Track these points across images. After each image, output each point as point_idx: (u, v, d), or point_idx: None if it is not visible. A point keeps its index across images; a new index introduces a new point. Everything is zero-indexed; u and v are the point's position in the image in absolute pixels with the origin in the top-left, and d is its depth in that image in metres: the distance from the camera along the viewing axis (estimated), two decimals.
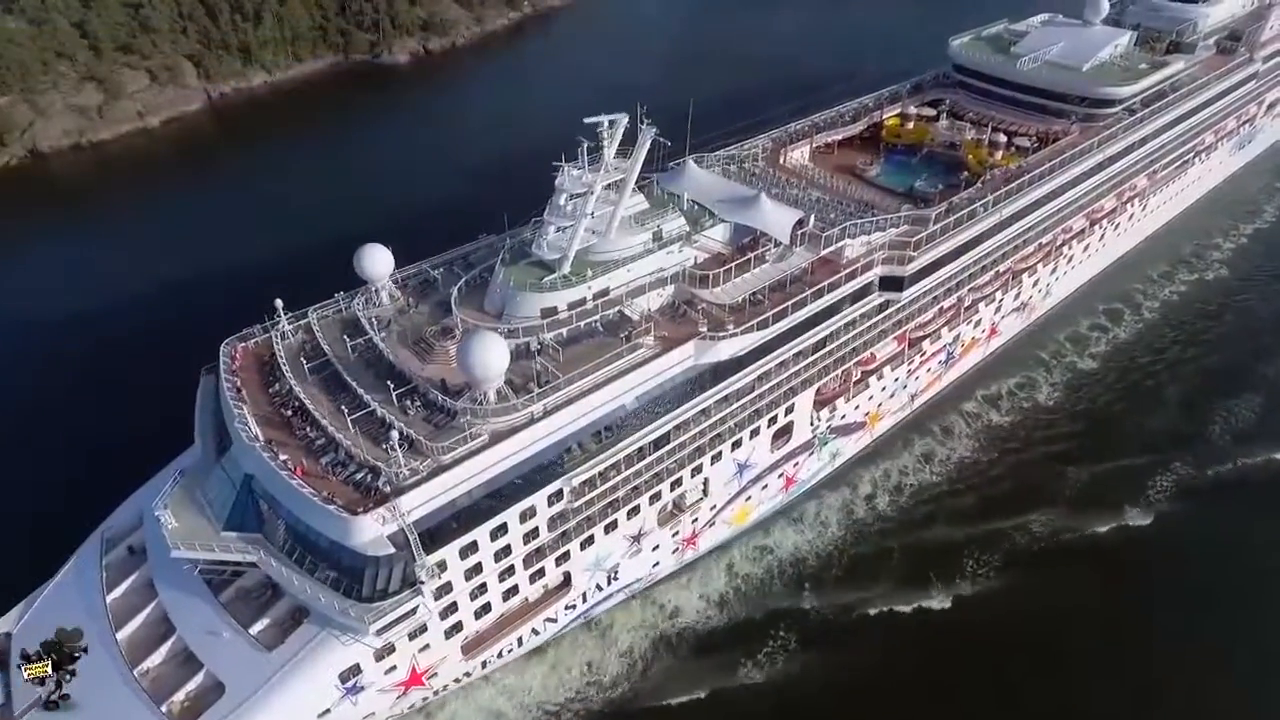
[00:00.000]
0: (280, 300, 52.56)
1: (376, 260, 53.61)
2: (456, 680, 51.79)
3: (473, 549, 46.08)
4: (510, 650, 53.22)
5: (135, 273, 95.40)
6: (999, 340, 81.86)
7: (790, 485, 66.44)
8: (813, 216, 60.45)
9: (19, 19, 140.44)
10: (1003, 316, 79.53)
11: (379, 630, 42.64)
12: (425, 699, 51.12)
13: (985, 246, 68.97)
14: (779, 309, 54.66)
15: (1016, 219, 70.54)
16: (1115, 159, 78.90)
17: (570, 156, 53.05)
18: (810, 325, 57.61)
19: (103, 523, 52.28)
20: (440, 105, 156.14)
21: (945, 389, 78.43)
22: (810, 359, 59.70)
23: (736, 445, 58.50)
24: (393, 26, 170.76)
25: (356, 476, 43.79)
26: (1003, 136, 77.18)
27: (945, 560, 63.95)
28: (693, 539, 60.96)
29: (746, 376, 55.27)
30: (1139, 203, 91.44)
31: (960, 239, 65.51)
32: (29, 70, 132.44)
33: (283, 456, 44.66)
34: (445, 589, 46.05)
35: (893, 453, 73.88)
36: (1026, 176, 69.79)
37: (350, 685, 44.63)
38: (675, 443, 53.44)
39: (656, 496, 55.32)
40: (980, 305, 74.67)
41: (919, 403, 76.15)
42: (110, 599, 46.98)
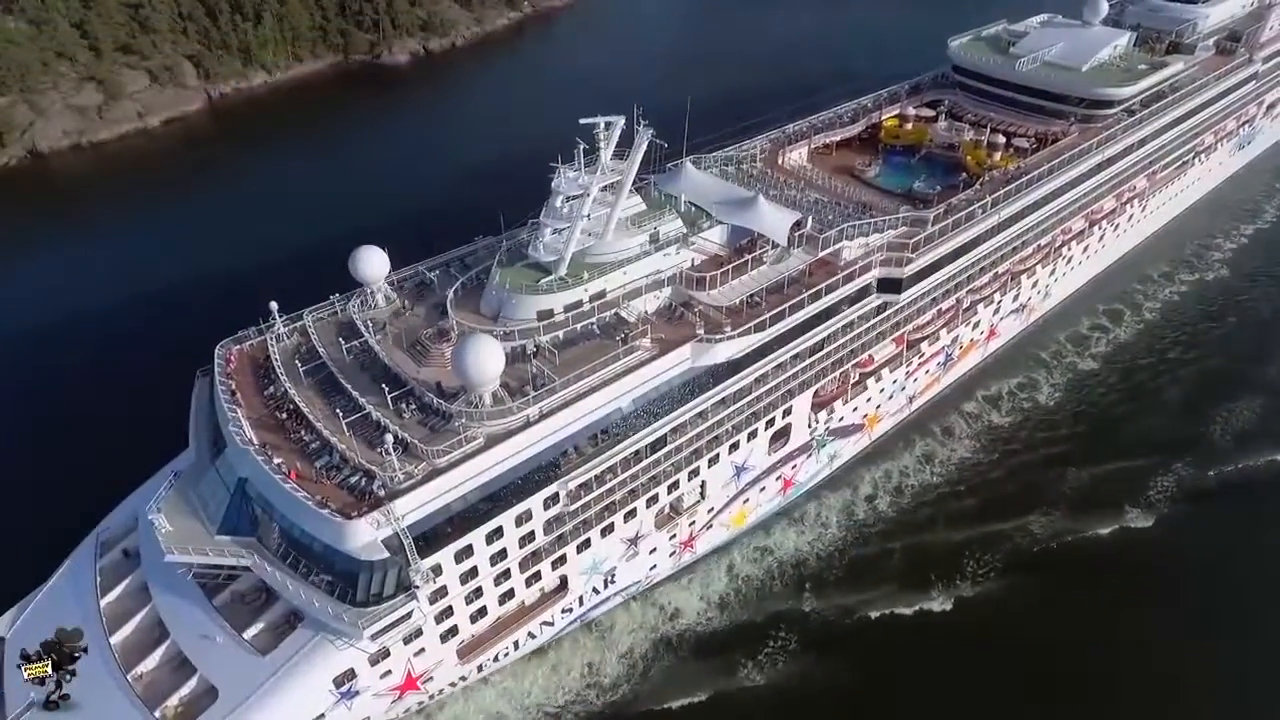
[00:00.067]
0: (275, 303, 52.47)
1: (372, 262, 53.40)
2: (452, 684, 51.63)
3: (468, 553, 45.88)
4: (507, 654, 53.04)
5: (133, 273, 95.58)
6: (998, 342, 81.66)
7: (788, 487, 66.24)
8: (810, 218, 60.24)
9: (19, 19, 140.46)
10: (1001, 318, 79.28)
11: (373, 635, 42.44)
12: (421, 703, 50.95)
13: (984, 248, 68.74)
14: (776, 311, 54.47)
15: (1015, 220, 70.32)
16: (1114, 160, 78.65)
17: (569, 157, 52.81)
18: (808, 327, 57.43)
19: (98, 525, 52.24)
20: (439, 106, 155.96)
21: (944, 391, 78.27)
22: (808, 361, 59.48)
23: (734, 448, 58.29)
24: (393, 26, 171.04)
25: (351, 480, 43.62)
26: (1001, 137, 76.99)
27: (946, 562, 63.83)
28: (690, 542, 60.77)
29: (744, 379, 55.02)
30: (1138, 204, 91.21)
31: (959, 240, 65.29)
32: (29, 70, 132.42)
33: (277, 460, 44.52)
34: (440, 593, 45.88)
35: (893, 453, 73.74)
36: (1025, 178, 69.54)
37: (345, 690, 44.43)
38: (672, 445, 53.24)
39: (654, 499, 55.12)
40: (979, 307, 74.42)
41: (917, 404, 75.98)
42: (104, 603, 46.86)
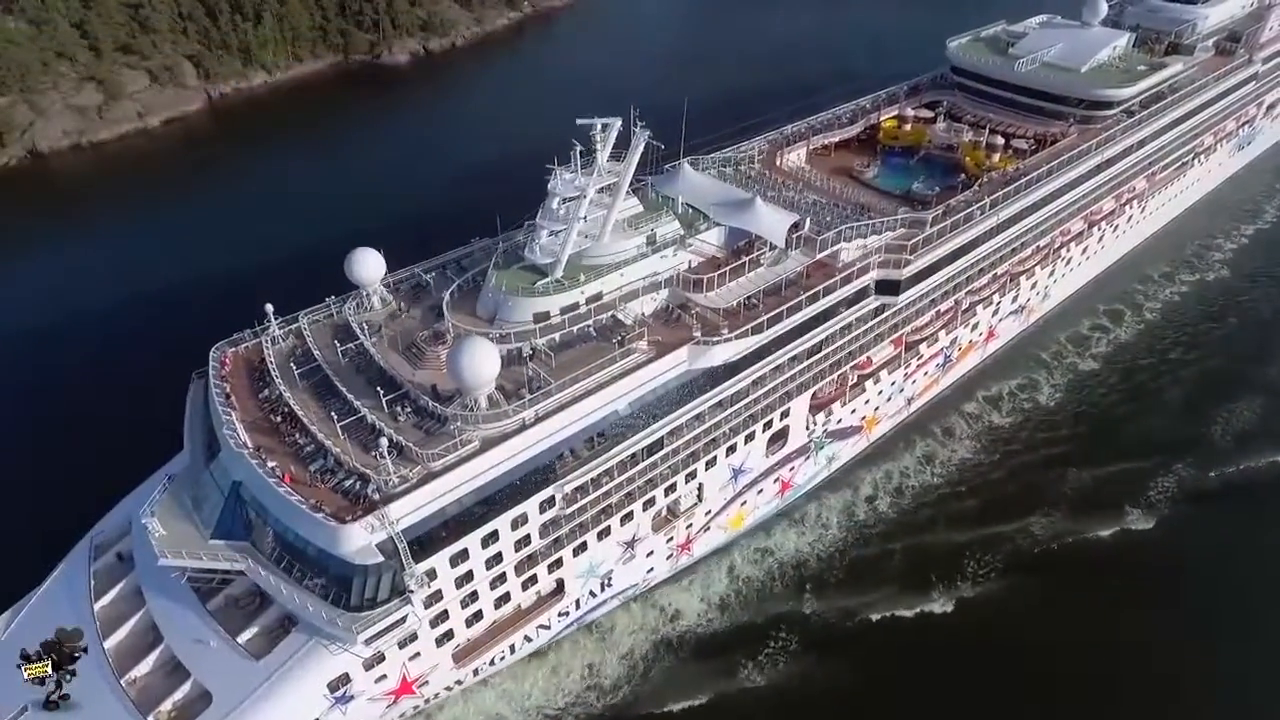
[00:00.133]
0: (270, 305, 52.18)
1: (368, 264, 53.20)
2: (448, 688, 51.46)
3: (463, 557, 45.69)
4: (503, 657, 52.86)
5: (133, 274, 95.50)
6: (997, 343, 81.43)
7: (786, 490, 66.03)
8: (808, 219, 60.01)
9: (19, 19, 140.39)
10: (1000, 320, 79.05)
11: (367, 640, 42.28)
12: (416, 707, 50.76)
13: (982, 249, 68.48)
14: (774, 313, 54.25)
15: (1014, 222, 70.03)
16: (1114, 161, 78.34)
17: (568, 158, 52.58)
18: (806, 329, 57.22)
19: (92, 528, 52.02)
20: (439, 106, 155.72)
21: (943, 392, 78.05)
22: (806, 363, 59.23)
23: (731, 450, 58.05)
24: (393, 26, 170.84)
25: (345, 484, 43.43)
26: (1000, 138, 76.67)
27: (947, 563, 63.68)
28: (687, 545, 60.57)
29: (741, 381, 54.76)
30: (1138, 205, 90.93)
31: (957, 242, 65.05)
32: (29, 70, 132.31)
33: (271, 463, 44.30)
34: (435, 597, 45.69)
35: (894, 454, 73.56)
36: (1024, 179, 69.26)
37: (339, 694, 44.23)
38: (669, 448, 53.00)
39: (650, 502, 54.91)
40: (978, 308, 74.21)
41: (916, 406, 75.78)
42: (98, 606, 46.67)
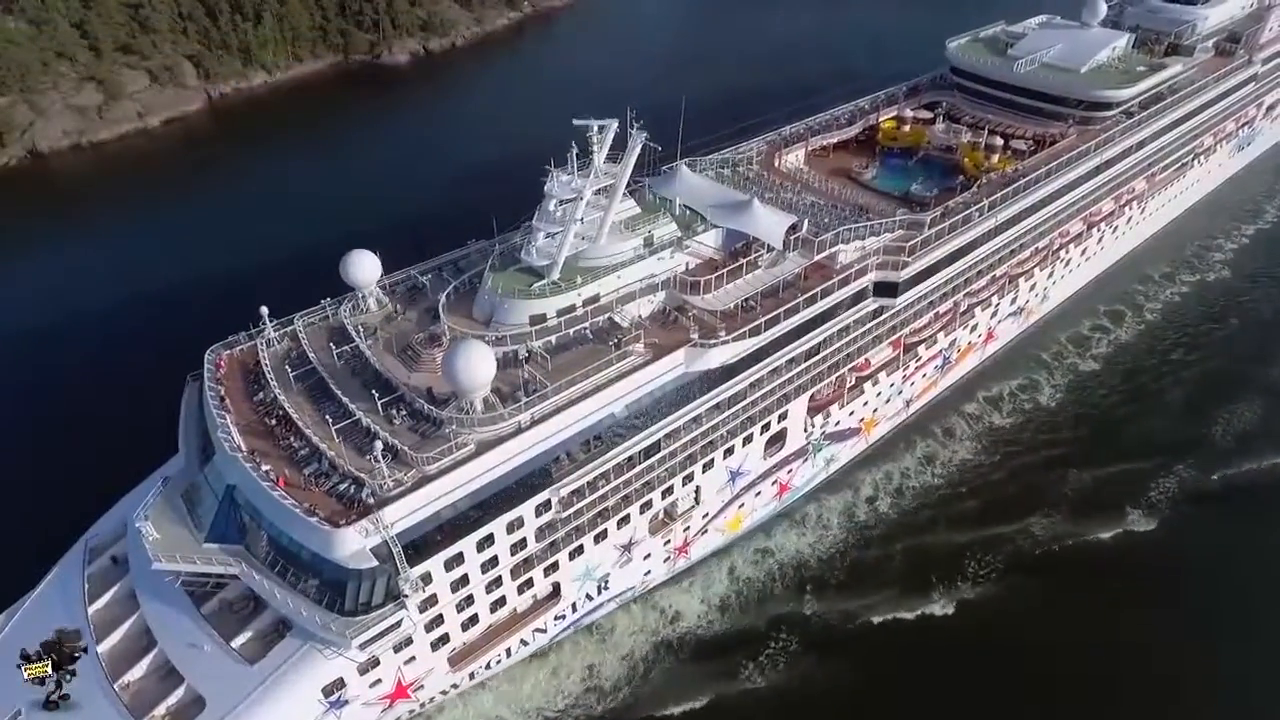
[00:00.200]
0: (266, 307, 51.87)
1: (363, 266, 53.01)
2: (443, 692, 51.24)
3: (458, 561, 45.49)
4: (499, 661, 52.66)
5: (133, 274, 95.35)
6: (996, 345, 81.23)
7: (784, 492, 65.83)
8: (806, 221, 59.85)
9: (19, 19, 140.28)
10: (999, 321, 78.85)
11: (361, 644, 42.12)
12: (412, 711, 50.53)
13: (981, 251, 68.22)
14: (771, 315, 54.05)
15: (1013, 223, 69.78)
16: (1113, 162, 78.10)
17: (567, 158, 52.32)
18: (803, 332, 57.00)
19: (87, 531, 51.78)
20: (439, 106, 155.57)
21: (941, 394, 77.85)
22: (803, 366, 59.02)
23: (729, 453, 57.88)
24: (393, 26, 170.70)
25: (340, 488, 43.19)
26: (999, 139, 76.46)
27: (947, 564, 63.55)
28: (684, 547, 60.37)
29: (739, 384, 54.56)
30: (1137, 206, 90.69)
31: (956, 244, 64.80)
32: (29, 70, 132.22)
33: (265, 467, 44.05)
34: (430, 601, 45.48)
35: (895, 455, 73.42)
36: (1023, 180, 69.05)
37: (334, 699, 44.05)
38: (666, 451, 52.80)
39: (647, 505, 54.73)
40: (976, 310, 74.00)
41: (915, 408, 75.58)
42: (92, 610, 46.39)
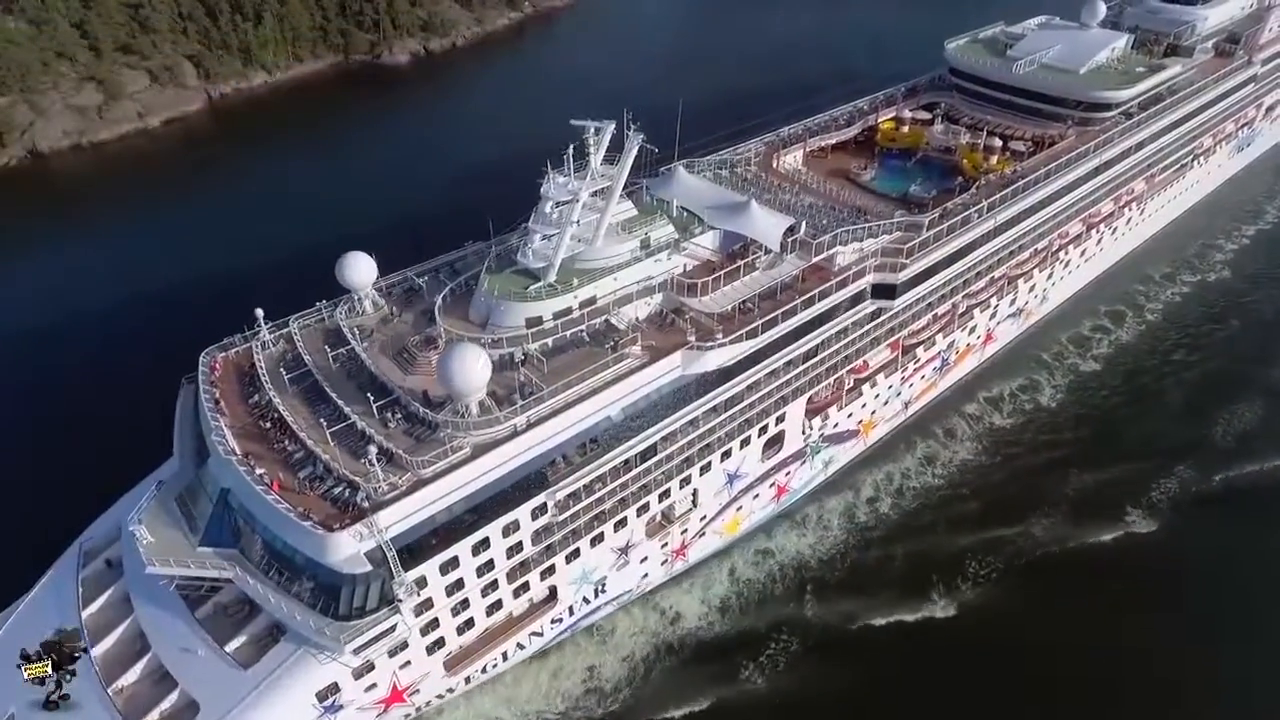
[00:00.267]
0: (261, 310, 51.65)
1: (359, 268, 52.86)
2: (439, 696, 51.07)
3: (454, 564, 45.30)
4: (495, 665, 52.47)
5: (133, 274, 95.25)
6: (995, 346, 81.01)
7: (782, 494, 65.61)
8: (804, 223, 59.64)
9: (19, 19, 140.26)
10: (998, 323, 78.63)
11: (356, 649, 41.90)
12: (408, 715, 50.29)
13: (980, 252, 67.99)
14: (769, 318, 53.82)
15: (1012, 224, 69.56)
16: (1112, 163, 77.88)
17: (561, 161, 52.07)
18: (801, 334, 56.79)
19: (82, 534, 51.56)
20: (439, 106, 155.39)
21: (940, 395, 77.63)
22: (801, 368, 58.80)
23: (726, 455, 57.66)
24: (393, 26, 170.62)
25: (334, 491, 42.94)
26: (998, 140, 76.23)
27: (948, 565, 63.38)
28: (682, 550, 60.16)
29: (736, 386, 54.35)
30: (1137, 207, 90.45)
31: (954, 245, 64.55)
32: (29, 70, 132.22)
33: (259, 470, 43.84)
34: (426, 605, 45.30)
35: (895, 456, 73.25)
36: (1022, 181, 68.81)
37: (328, 704, 43.86)
38: (663, 454, 52.56)
39: (644, 508, 54.52)
40: (975, 312, 73.77)
41: (913, 410, 75.34)
42: (86, 614, 46.20)
